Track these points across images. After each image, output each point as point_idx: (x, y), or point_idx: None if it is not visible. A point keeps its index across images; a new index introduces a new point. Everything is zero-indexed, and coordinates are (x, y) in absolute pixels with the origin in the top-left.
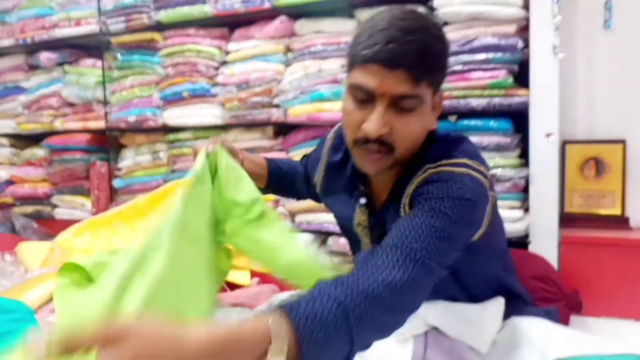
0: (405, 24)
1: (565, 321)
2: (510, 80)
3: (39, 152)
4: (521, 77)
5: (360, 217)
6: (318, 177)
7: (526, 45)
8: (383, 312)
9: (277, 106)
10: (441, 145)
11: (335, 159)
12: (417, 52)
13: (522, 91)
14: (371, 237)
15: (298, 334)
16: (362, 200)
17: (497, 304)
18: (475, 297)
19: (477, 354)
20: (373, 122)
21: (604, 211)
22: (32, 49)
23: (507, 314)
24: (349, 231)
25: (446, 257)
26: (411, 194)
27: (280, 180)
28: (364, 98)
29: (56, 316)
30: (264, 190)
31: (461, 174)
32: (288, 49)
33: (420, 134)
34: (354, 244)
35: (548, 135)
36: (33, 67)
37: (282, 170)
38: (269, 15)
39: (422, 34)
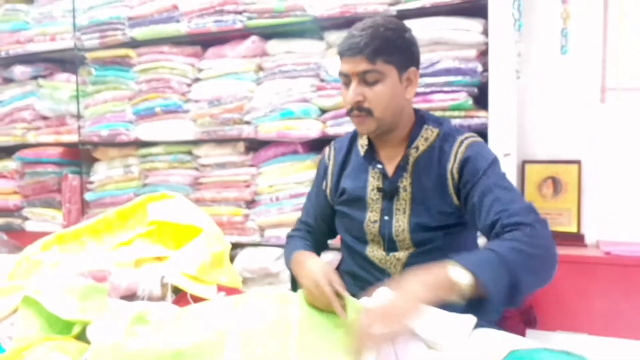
0: (366, 23)
1: (521, 335)
2: (470, 102)
3: (10, 164)
4: (480, 100)
5: (374, 183)
6: (328, 183)
7: (485, 69)
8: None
9: (248, 123)
10: (443, 122)
11: (340, 157)
12: (368, 39)
13: (481, 113)
14: (384, 196)
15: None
16: (379, 166)
17: (470, 318)
18: None
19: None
20: (349, 94)
21: (561, 228)
22: (7, 62)
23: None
24: (359, 201)
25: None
26: (458, 165)
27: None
28: (346, 81)
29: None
30: None
31: (478, 142)
32: (259, 68)
33: (392, 100)
34: (358, 214)
35: (506, 155)
36: (7, 81)
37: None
38: (241, 35)
39: (375, 27)
